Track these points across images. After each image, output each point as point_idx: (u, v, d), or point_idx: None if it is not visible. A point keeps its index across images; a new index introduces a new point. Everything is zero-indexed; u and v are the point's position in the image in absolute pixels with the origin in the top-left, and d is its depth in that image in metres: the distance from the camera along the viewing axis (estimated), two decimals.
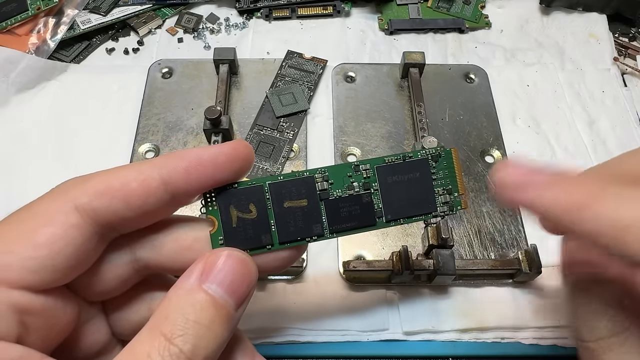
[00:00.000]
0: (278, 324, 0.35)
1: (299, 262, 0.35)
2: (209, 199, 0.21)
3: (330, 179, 0.22)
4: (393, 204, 0.22)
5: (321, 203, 0.22)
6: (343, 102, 0.45)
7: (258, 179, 0.21)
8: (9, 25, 0.47)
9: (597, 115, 0.46)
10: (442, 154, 0.23)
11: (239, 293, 0.19)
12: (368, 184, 0.22)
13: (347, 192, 0.22)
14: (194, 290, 0.18)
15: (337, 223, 0.22)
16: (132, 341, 0.17)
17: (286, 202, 0.21)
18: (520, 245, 0.38)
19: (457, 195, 0.23)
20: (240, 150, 0.20)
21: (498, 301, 0.36)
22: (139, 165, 0.19)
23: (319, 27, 0.51)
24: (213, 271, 0.19)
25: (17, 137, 0.43)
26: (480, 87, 0.46)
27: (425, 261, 0.34)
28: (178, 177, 0.19)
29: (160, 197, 0.19)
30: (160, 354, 0.16)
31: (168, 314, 0.18)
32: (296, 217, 0.21)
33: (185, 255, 0.21)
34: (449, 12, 0.52)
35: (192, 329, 0.17)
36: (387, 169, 0.22)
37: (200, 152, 0.20)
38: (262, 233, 0.21)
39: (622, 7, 0.52)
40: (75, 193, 0.18)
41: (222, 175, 0.20)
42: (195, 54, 0.49)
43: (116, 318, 0.22)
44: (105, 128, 0.43)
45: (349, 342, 0.34)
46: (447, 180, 0.23)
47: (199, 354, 0.17)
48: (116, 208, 0.19)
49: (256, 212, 0.21)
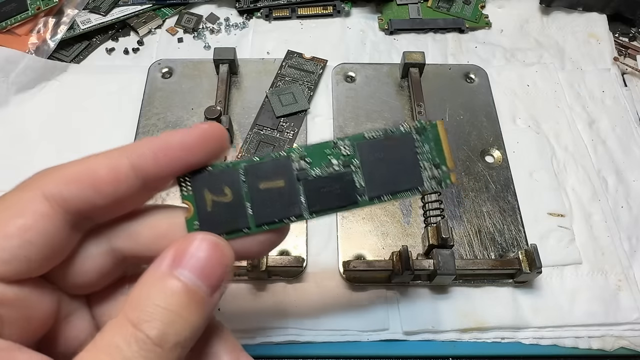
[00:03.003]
0: (278, 324, 0.34)
1: (299, 262, 0.35)
2: (183, 183, 0.20)
3: (308, 157, 0.21)
4: (376, 180, 0.21)
5: (299, 183, 0.21)
6: (343, 102, 0.45)
7: (234, 162, 0.20)
8: (9, 25, 0.47)
9: (597, 115, 0.46)
10: (427, 127, 0.21)
11: (213, 278, 0.18)
12: (348, 162, 0.21)
13: (326, 171, 0.21)
14: (164, 277, 0.18)
15: (316, 203, 0.21)
16: (101, 330, 0.17)
17: (262, 184, 0.20)
18: (520, 245, 0.38)
19: (446, 169, 0.21)
20: (210, 132, 0.20)
21: (498, 301, 0.36)
22: (108, 152, 0.19)
23: (319, 27, 0.51)
24: (185, 256, 0.18)
25: (17, 137, 0.43)
26: (480, 87, 0.46)
27: (425, 261, 0.34)
28: (147, 161, 0.19)
29: (131, 183, 0.19)
30: (127, 341, 0.16)
31: (137, 301, 0.17)
32: (273, 198, 0.20)
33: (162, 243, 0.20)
34: (449, 12, 0.52)
35: (160, 315, 0.17)
36: (368, 145, 0.21)
37: (169, 135, 0.19)
38: (238, 216, 0.20)
39: (622, 7, 0.52)
40: (44, 183, 0.18)
41: (193, 158, 0.19)
42: (195, 54, 0.49)
43: (100, 313, 0.22)
44: (105, 128, 0.43)
45: (349, 342, 0.34)
46: (434, 153, 0.21)
47: (168, 340, 0.16)
48: (86, 196, 0.18)
49: (231, 195, 0.20)
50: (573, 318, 0.35)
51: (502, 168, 0.42)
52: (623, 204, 0.41)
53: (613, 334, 0.35)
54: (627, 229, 0.39)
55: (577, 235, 0.39)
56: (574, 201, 0.41)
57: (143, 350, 0.16)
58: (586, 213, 0.40)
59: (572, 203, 0.40)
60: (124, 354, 0.16)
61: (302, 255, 0.36)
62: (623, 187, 0.42)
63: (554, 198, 0.40)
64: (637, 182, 0.42)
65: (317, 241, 0.38)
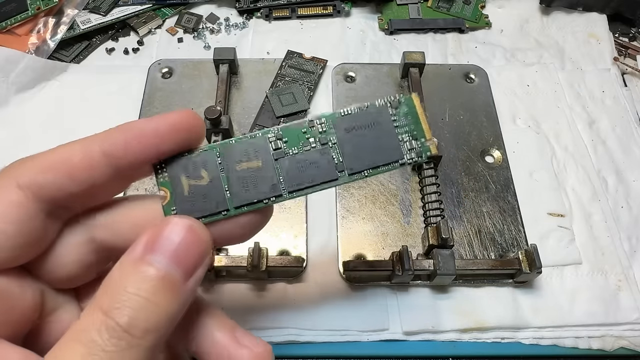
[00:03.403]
0: (278, 323, 0.35)
1: (299, 262, 0.35)
2: (159, 170, 0.20)
3: (284, 137, 0.21)
4: (354, 156, 0.21)
5: (276, 163, 0.21)
6: (343, 102, 0.45)
7: (210, 145, 0.20)
8: (9, 25, 0.47)
9: (597, 115, 0.46)
10: (402, 100, 0.21)
11: (187, 263, 0.18)
12: (325, 139, 0.21)
13: (303, 149, 0.21)
14: (136, 262, 0.17)
15: (295, 182, 0.21)
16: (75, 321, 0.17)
17: (239, 165, 0.20)
18: (520, 245, 0.38)
19: (425, 140, 0.21)
20: (185, 120, 0.19)
21: (498, 301, 0.36)
22: (82, 140, 0.19)
23: (319, 27, 0.51)
24: (158, 241, 0.18)
25: (17, 137, 0.43)
26: (480, 87, 0.46)
27: (425, 261, 0.34)
28: (119, 148, 0.19)
29: (104, 170, 0.19)
30: (97, 329, 0.16)
31: (108, 288, 0.17)
32: (251, 179, 0.20)
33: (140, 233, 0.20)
34: (449, 12, 0.52)
35: (129, 301, 0.16)
36: (344, 121, 0.21)
37: (143, 123, 0.19)
38: (215, 199, 0.20)
39: (622, 7, 0.52)
40: (18, 171, 0.18)
41: (166, 146, 0.19)
42: (195, 54, 0.49)
43: None
44: (105, 128, 0.43)
45: (349, 342, 0.34)
46: (412, 126, 0.21)
47: (137, 326, 0.16)
48: (60, 183, 0.18)
49: (208, 177, 0.20)
50: (573, 318, 0.35)
51: (502, 168, 0.42)
52: (623, 204, 0.41)
53: (613, 334, 0.35)
54: (627, 229, 0.39)
55: (577, 235, 0.39)
56: (574, 201, 0.41)
57: (114, 338, 0.16)
58: (586, 213, 0.40)
59: (572, 203, 0.40)
60: (96, 341, 0.16)
61: (302, 255, 0.36)
62: (623, 187, 0.42)
63: (554, 198, 0.40)
64: (637, 182, 0.42)
65: (317, 241, 0.38)
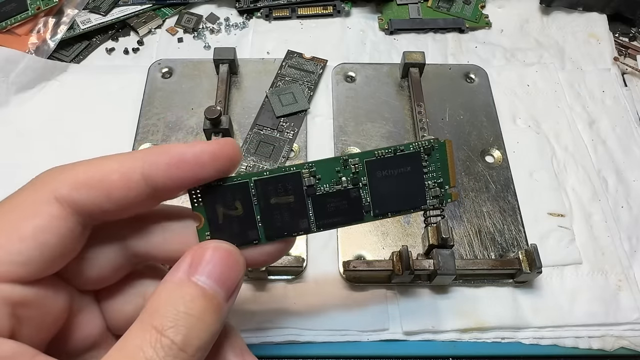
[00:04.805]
0: (278, 323, 0.35)
1: (299, 262, 0.35)
2: (195, 197, 0.21)
3: (318, 174, 0.21)
4: (382, 198, 0.22)
5: (308, 199, 0.21)
6: (343, 102, 0.45)
7: (244, 175, 0.21)
8: (9, 25, 0.47)
9: (597, 115, 0.46)
10: (436, 146, 0.22)
11: (228, 284, 0.19)
12: (357, 179, 0.22)
13: (334, 188, 0.22)
14: (183, 283, 0.18)
15: (324, 218, 0.22)
16: (124, 335, 0.17)
17: (272, 199, 0.21)
18: (521, 245, 0.38)
19: (448, 188, 0.22)
20: (226, 149, 0.20)
21: (498, 301, 0.36)
22: (120, 157, 0.19)
23: (319, 27, 0.51)
24: (201, 263, 0.19)
25: (17, 137, 0.43)
26: (480, 87, 0.46)
27: (425, 261, 0.34)
28: (159, 172, 0.19)
29: (141, 191, 0.19)
30: (153, 347, 0.16)
31: (158, 307, 0.18)
32: (282, 212, 0.21)
33: (174, 244, 0.21)
34: (449, 12, 0.52)
35: (182, 320, 0.17)
36: (377, 163, 0.22)
37: (184, 148, 0.19)
38: (248, 229, 0.21)
39: (622, 7, 0.52)
40: (55, 184, 0.18)
41: (205, 173, 0.20)
42: (195, 54, 0.49)
43: (110, 309, 0.22)
44: (105, 128, 0.43)
45: (349, 342, 0.34)
46: (439, 173, 0.22)
47: (191, 344, 0.17)
48: (96, 200, 0.18)
49: (242, 208, 0.21)
50: (573, 318, 0.35)
51: (502, 168, 0.42)
52: (623, 204, 0.41)
53: (613, 334, 0.35)
54: (627, 229, 0.39)
55: (577, 235, 0.39)
56: (574, 201, 0.41)
57: (169, 355, 0.17)
58: (586, 213, 0.40)
59: (572, 203, 0.40)
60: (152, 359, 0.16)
61: (302, 255, 0.36)
62: (623, 187, 0.42)
63: (554, 198, 0.40)
64: (637, 182, 0.42)
65: (317, 241, 0.38)
